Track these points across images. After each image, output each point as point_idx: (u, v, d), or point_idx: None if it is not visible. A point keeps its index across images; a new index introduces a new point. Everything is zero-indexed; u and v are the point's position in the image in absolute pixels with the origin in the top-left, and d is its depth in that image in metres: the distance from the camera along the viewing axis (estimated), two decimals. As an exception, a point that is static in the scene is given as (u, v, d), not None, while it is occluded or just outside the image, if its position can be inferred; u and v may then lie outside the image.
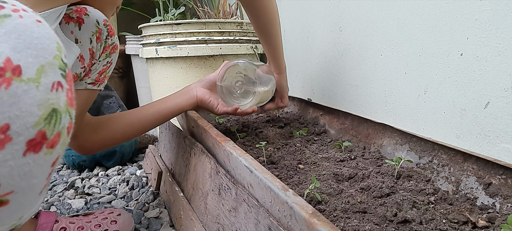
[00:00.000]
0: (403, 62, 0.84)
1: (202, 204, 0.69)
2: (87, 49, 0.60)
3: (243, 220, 0.52)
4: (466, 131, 0.71)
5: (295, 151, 0.80)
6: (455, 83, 0.72)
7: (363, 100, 0.98)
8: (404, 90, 0.85)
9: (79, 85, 0.64)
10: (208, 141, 0.72)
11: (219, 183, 0.62)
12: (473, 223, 0.51)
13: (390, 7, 0.85)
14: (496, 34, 0.64)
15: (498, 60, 0.64)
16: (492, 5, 0.64)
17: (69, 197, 1.01)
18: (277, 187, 0.44)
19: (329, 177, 0.66)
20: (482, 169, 0.60)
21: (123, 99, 1.94)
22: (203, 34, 1.22)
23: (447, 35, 0.72)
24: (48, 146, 0.27)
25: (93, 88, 0.67)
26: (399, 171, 0.67)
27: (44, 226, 0.66)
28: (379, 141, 0.81)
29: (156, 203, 0.95)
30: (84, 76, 0.64)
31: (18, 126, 0.24)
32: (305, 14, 1.19)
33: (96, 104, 1.32)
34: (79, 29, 0.59)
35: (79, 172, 1.22)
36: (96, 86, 0.67)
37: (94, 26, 0.60)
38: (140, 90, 1.70)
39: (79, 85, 0.64)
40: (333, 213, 0.53)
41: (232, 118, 1.08)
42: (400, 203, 0.57)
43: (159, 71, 1.28)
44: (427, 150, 0.70)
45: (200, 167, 0.74)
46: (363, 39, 0.95)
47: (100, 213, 0.78)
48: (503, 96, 0.64)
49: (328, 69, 1.11)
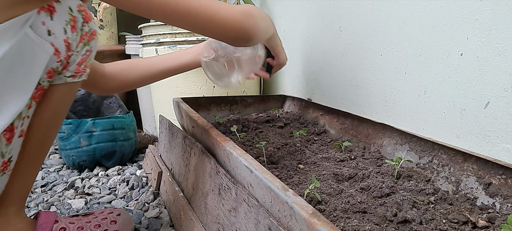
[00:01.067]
0: (403, 62, 0.84)
1: (202, 204, 0.70)
2: (62, 41, 0.54)
3: (243, 220, 0.52)
4: (466, 131, 0.71)
5: (295, 151, 0.80)
6: (455, 83, 0.72)
7: (363, 100, 0.98)
8: (404, 90, 0.85)
9: (58, 80, 0.59)
10: (208, 141, 0.72)
11: (219, 183, 0.62)
12: (473, 223, 0.51)
13: (390, 7, 0.85)
14: (496, 34, 0.64)
15: (498, 60, 0.64)
16: (492, 5, 0.64)
17: (69, 197, 1.01)
18: (277, 187, 0.44)
19: (329, 177, 0.66)
20: (482, 169, 0.60)
21: (123, 99, 1.94)
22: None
23: (447, 35, 0.72)
24: None
25: (74, 80, 0.61)
26: (399, 171, 0.67)
27: (43, 226, 0.66)
28: (379, 141, 0.81)
29: (156, 203, 0.95)
30: (62, 70, 0.58)
31: None
32: (305, 14, 1.19)
33: (96, 104, 1.32)
34: (51, 19, 0.52)
35: (79, 172, 1.22)
36: (76, 79, 0.62)
37: (67, 14, 0.54)
38: (140, 90, 1.70)
39: (58, 79, 0.59)
40: (333, 213, 0.53)
41: (232, 118, 1.09)
42: (400, 203, 0.57)
43: (159, 71, 1.28)
44: (427, 150, 0.70)
45: (200, 167, 0.74)
46: (363, 39, 0.95)
47: (99, 213, 0.78)
48: (503, 96, 0.64)
49: (328, 69, 1.11)
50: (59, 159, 1.36)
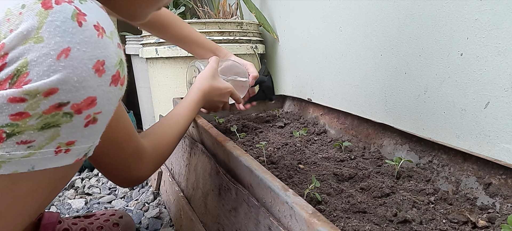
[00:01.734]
0: (403, 62, 0.84)
1: (202, 204, 0.70)
2: None
3: (243, 220, 0.52)
4: (466, 131, 0.71)
5: (295, 151, 0.80)
6: (455, 83, 0.72)
7: (363, 100, 0.98)
8: (404, 90, 0.85)
9: None
10: (208, 141, 0.72)
11: (219, 183, 0.63)
12: (473, 223, 0.51)
13: (390, 7, 0.85)
14: (496, 34, 0.64)
15: (498, 60, 0.64)
16: (492, 5, 0.64)
17: (69, 197, 1.01)
18: (277, 187, 0.44)
19: (329, 177, 0.66)
20: (482, 169, 0.60)
21: (123, 99, 1.94)
22: (203, 34, 1.22)
23: (447, 35, 0.72)
24: (121, 84, 0.38)
25: None
26: (399, 171, 0.67)
27: (47, 226, 0.67)
28: (379, 141, 0.81)
29: (156, 203, 0.95)
30: None
31: (108, 63, 0.35)
32: (305, 14, 1.19)
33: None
34: None
35: (79, 172, 1.22)
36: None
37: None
38: (140, 90, 1.70)
39: None
40: (333, 213, 0.53)
41: (232, 118, 1.08)
42: (400, 203, 0.57)
43: (159, 71, 1.28)
44: (427, 150, 0.70)
45: (200, 167, 0.74)
46: (363, 39, 0.95)
47: (101, 214, 0.78)
48: (503, 96, 0.64)
49: (328, 69, 1.11)
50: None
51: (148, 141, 0.58)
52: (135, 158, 0.54)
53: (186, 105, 0.71)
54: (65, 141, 0.35)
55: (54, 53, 0.32)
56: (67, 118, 0.34)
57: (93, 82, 0.34)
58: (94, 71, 0.34)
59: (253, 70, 0.93)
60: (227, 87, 0.81)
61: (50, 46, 0.32)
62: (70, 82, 0.33)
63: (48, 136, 0.34)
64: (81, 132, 0.36)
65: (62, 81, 0.32)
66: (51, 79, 0.32)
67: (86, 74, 0.33)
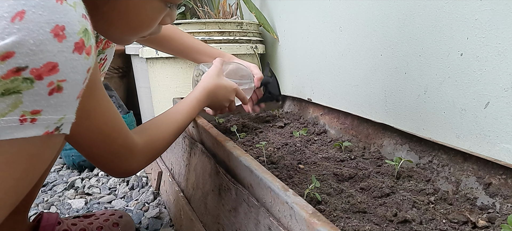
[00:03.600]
0: (403, 62, 0.84)
1: (202, 204, 0.70)
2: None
3: (243, 220, 0.52)
4: (466, 131, 0.71)
5: (295, 151, 0.80)
6: (455, 83, 0.72)
7: (363, 100, 0.98)
8: (404, 90, 0.85)
9: None
10: (208, 141, 0.72)
11: (219, 183, 0.63)
12: (473, 223, 0.51)
13: (390, 7, 0.85)
14: (496, 34, 0.64)
15: (498, 60, 0.64)
16: (492, 5, 0.64)
17: (69, 197, 1.01)
18: (277, 187, 0.44)
19: (329, 177, 0.66)
20: (482, 169, 0.60)
21: (123, 99, 1.94)
22: (203, 34, 1.22)
23: (447, 35, 0.72)
24: (86, 53, 0.36)
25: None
26: (399, 171, 0.67)
27: (46, 228, 0.67)
28: (379, 141, 0.81)
29: (156, 203, 0.95)
30: None
31: (69, 29, 0.34)
32: (305, 14, 1.19)
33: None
34: None
35: (79, 172, 1.22)
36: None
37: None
38: (140, 90, 1.70)
39: None
40: (333, 213, 0.53)
41: (232, 118, 1.08)
42: (400, 203, 0.57)
43: (159, 71, 1.28)
44: (427, 150, 0.70)
45: (200, 167, 0.74)
46: (363, 39, 0.95)
47: (101, 214, 0.78)
48: (503, 96, 0.64)
49: (328, 69, 1.11)
50: (59, 159, 1.36)
51: (141, 136, 0.58)
52: (124, 151, 0.54)
53: (187, 102, 0.72)
54: (29, 109, 0.34)
55: (8, 15, 0.31)
56: (27, 84, 0.33)
57: (52, 47, 0.33)
58: (53, 35, 0.33)
59: (258, 72, 0.93)
60: (232, 85, 0.81)
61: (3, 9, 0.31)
62: (26, 45, 0.32)
63: (10, 102, 0.32)
64: (46, 101, 0.34)
65: (18, 44, 0.31)
66: (5, 41, 0.31)
67: (43, 37, 0.32)
